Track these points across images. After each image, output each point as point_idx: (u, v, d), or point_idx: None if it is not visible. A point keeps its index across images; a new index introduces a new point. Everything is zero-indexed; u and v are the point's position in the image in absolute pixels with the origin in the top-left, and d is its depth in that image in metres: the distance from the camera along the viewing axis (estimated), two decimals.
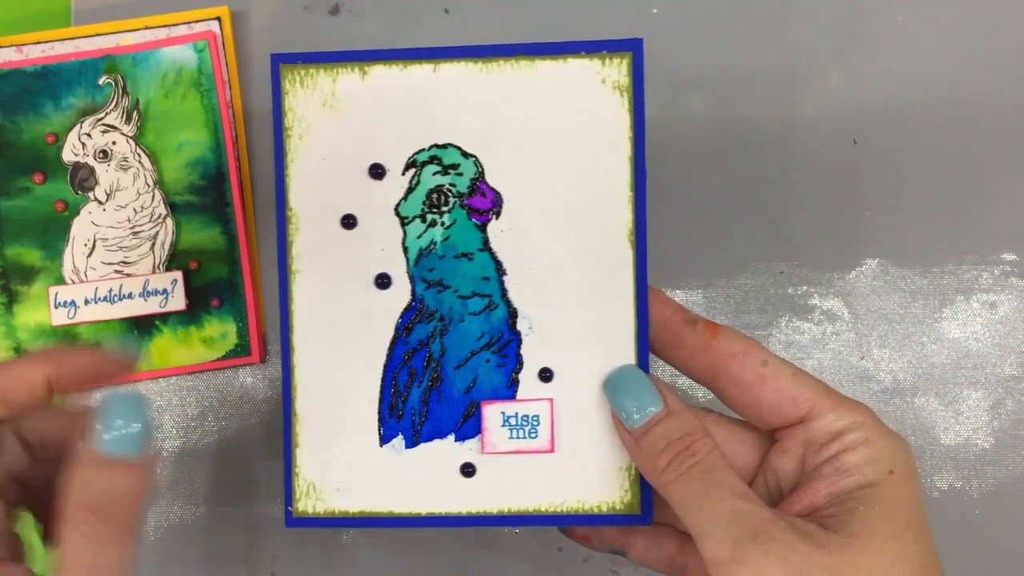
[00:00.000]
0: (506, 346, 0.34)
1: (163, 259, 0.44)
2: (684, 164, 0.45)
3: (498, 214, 0.34)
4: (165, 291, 0.44)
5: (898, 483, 0.30)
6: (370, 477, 0.34)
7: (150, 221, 0.44)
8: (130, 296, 0.44)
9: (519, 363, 0.34)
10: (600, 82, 0.33)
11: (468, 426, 0.34)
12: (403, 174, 0.34)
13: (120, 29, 0.44)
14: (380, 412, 0.34)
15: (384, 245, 0.34)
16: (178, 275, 0.44)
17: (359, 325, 0.34)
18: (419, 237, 0.34)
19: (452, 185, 0.34)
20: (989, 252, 0.44)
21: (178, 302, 0.44)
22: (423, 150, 0.34)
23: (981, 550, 0.43)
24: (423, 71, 0.33)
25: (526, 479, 0.34)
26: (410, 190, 0.34)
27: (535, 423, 0.34)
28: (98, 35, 0.44)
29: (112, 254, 0.44)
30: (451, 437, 0.34)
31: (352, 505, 0.34)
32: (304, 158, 0.34)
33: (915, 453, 0.43)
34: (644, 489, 0.34)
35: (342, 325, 0.34)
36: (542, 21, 0.45)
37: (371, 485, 0.34)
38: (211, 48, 0.44)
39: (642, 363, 0.33)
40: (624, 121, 0.33)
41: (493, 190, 0.34)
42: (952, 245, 0.44)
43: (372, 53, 0.34)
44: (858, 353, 0.44)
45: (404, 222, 0.34)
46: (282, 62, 0.34)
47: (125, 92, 0.44)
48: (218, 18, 0.45)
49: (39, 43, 0.45)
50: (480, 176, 0.34)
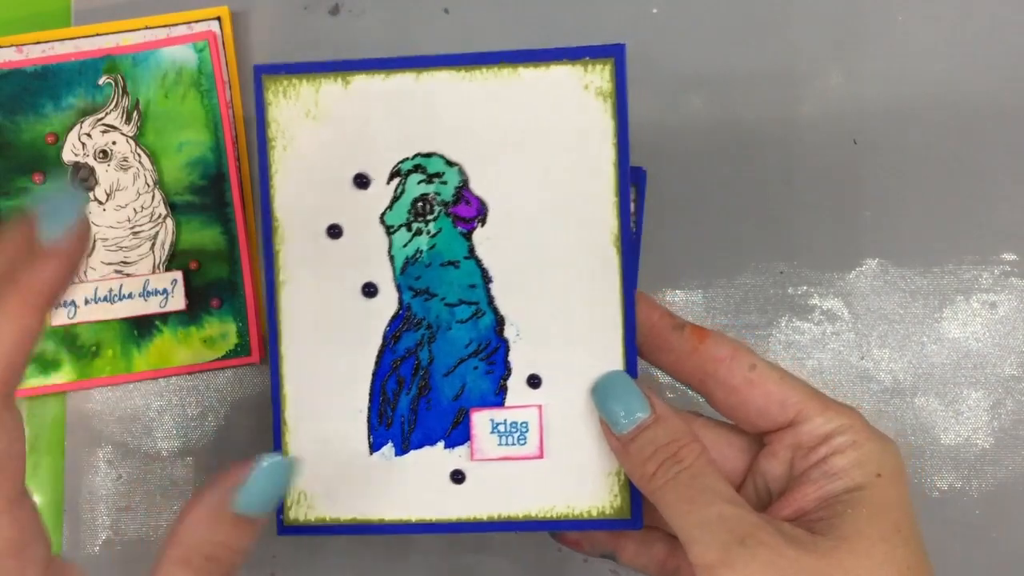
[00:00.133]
0: (494, 353, 0.34)
1: (163, 259, 0.44)
2: (684, 164, 0.45)
3: (483, 222, 0.34)
4: (165, 291, 0.44)
5: (886, 486, 0.30)
6: (361, 485, 0.34)
7: (150, 221, 0.44)
8: (130, 296, 0.44)
9: (507, 370, 0.34)
10: (583, 88, 0.33)
11: (457, 433, 0.34)
12: (388, 183, 0.34)
13: (120, 29, 0.44)
14: (369, 420, 0.34)
15: (370, 254, 0.34)
16: (178, 275, 0.44)
17: (347, 334, 0.34)
18: (405, 246, 0.34)
19: (437, 194, 0.34)
20: (989, 252, 0.44)
21: (178, 302, 0.44)
22: (407, 159, 0.34)
23: (981, 550, 0.43)
24: (406, 80, 0.33)
25: (516, 485, 0.34)
26: (395, 199, 0.34)
27: (524, 429, 0.34)
28: (98, 35, 0.44)
29: (112, 254, 0.44)
30: (440, 444, 0.34)
31: (343, 513, 0.35)
32: (289, 169, 0.34)
33: (915, 453, 0.44)
34: (634, 494, 0.34)
35: (330, 334, 0.34)
36: (542, 21, 0.45)
37: (362, 493, 0.34)
38: (211, 48, 0.44)
39: (630, 368, 0.33)
40: (608, 127, 0.33)
41: (478, 198, 0.34)
42: (952, 245, 0.44)
43: (354, 63, 0.33)
44: (858, 353, 0.44)
45: (390, 231, 0.34)
46: (264, 73, 0.34)
47: (125, 92, 0.44)
48: (218, 18, 0.45)
49: (39, 43, 0.45)
50: (465, 184, 0.34)
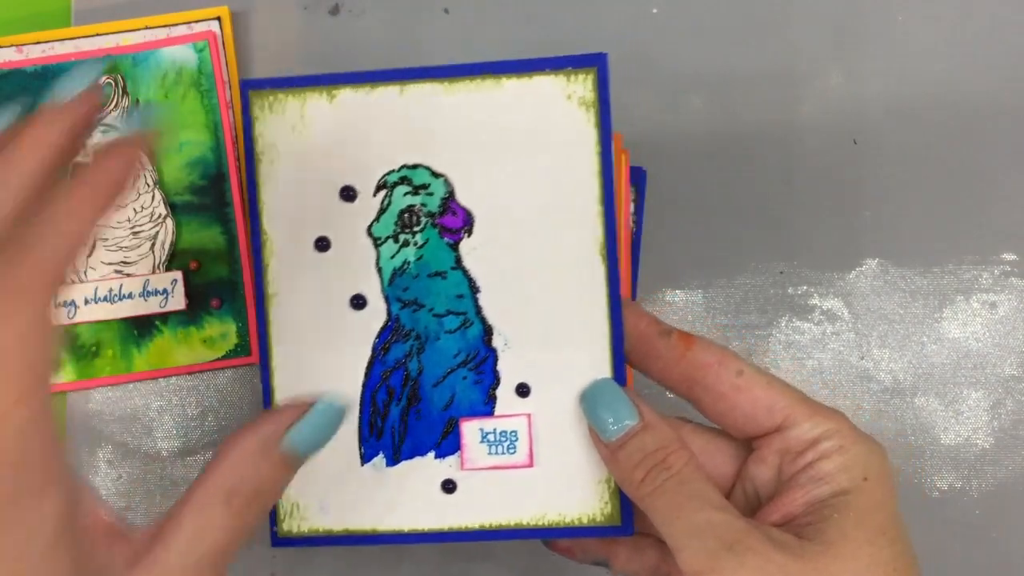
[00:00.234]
0: (482, 363, 0.34)
1: (163, 259, 0.44)
2: (684, 164, 0.45)
3: (470, 232, 0.34)
4: (165, 291, 0.44)
5: (872, 489, 0.31)
6: (353, 496, 0.35)
7: (150, 221, 0.44)
8: (130, 296, 0.44)
9: (496, 379, 0.34)
10: (566, 98, 0.33)
11: (447, 443, 0.34)
12: (374, 195, 0.34)
13: (120, 29, 0.45)
14: (360, 431, 0.35)
15: (358, 266, 0.34)
16: (178, 275, 0.44)
17: (337, 346, 0.34)
18: (392, 257, 0.34)
19: (423, 205, 0.34)
20: (989, 252, 0.44)
21: (178, 302, 0.44)
22: (393, 171, 0.34)
23: (981, 550, 0.43)
24: (390, 93, 0.33)
25: (507, 494, 0.34)
26: (382, 211, 0.34)
27: (513, 438, 0.34)
28: (98, 35, 0.44)
29: (112, 254, 0.44)
30: (431, 454, 0.34)
31: (336, 524, 0.35)
32: (276, 183, 0.34)
33: (915, 453, 0.44)
34: (624, 501, 0.34)
35: (320, 346, 0.34)
36: (542, 21, 0.45)
37: (354, 504, 0.35)
38: (211, 48, 0.44)
39: (618, 376, 0.33)
40: (591, 136, 0.33)
41: (464, 209, 0.34)
42: (952, 245, 0.44)
43: (339, 76, 0.34)
44: (858, 353, 0.44)
45: (377, 243, 0.34)
46: (251, 88, 0.34)
47: (125, 92, 0.44)
48: (218, 18, 0.45)
49: (39, 43, 0.45)
50: (451, 195, 0.34)
